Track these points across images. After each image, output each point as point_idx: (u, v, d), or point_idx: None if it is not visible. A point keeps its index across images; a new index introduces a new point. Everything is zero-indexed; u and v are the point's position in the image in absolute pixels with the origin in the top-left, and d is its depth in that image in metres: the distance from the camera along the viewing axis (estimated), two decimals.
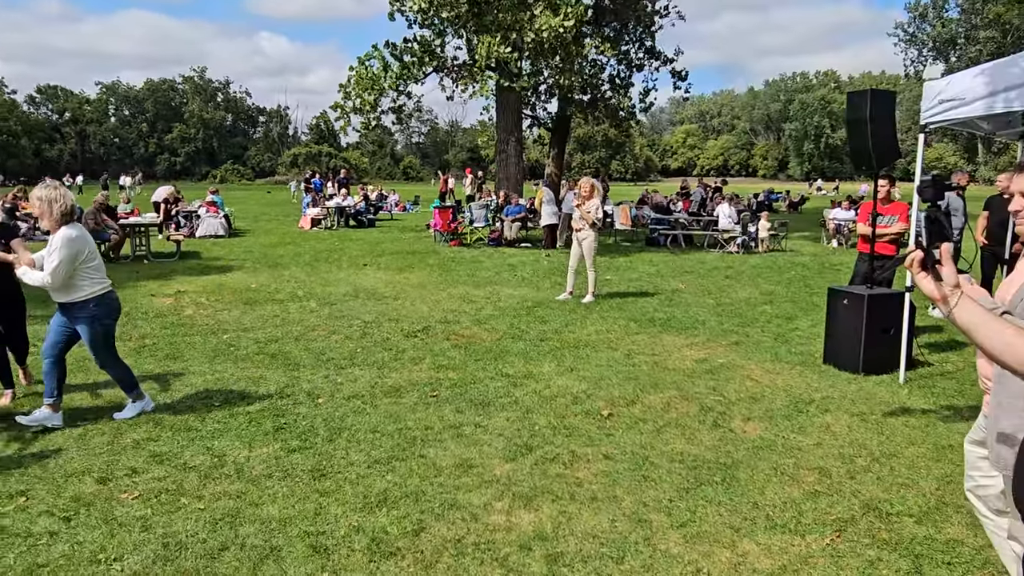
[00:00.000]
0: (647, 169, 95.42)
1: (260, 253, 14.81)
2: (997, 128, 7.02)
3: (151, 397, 5.34)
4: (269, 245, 16.32)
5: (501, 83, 16.83)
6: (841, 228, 17.76)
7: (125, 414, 5.05)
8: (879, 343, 6.36)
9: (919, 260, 1.81)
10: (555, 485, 4.08)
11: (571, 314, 8.93)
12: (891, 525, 3.67)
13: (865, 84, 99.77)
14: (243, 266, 12.85)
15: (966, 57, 71.47)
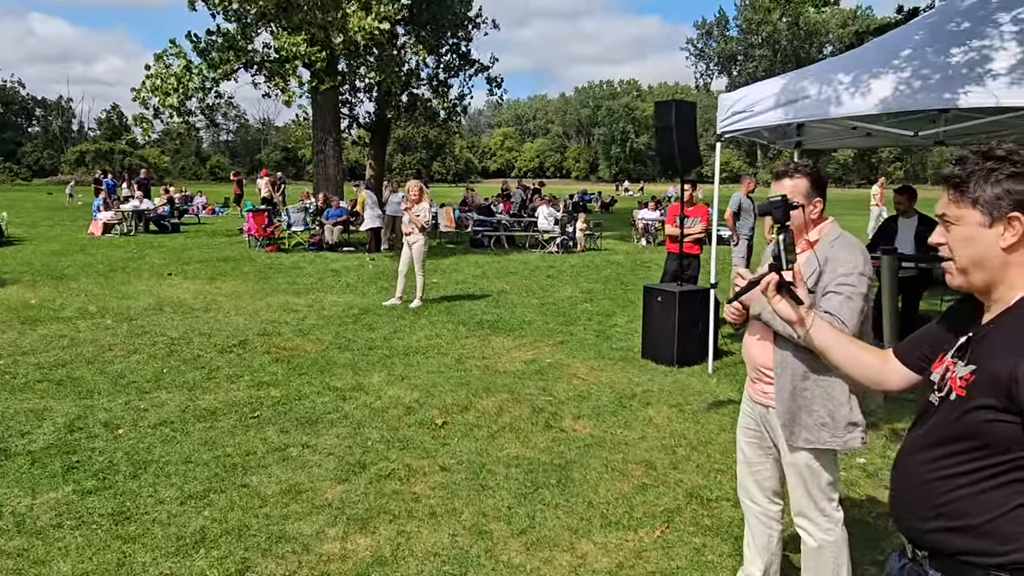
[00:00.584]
0: (467, 170, 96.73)
1: (41, 264, 13.07)
2: (776, 138, 7.80)
3: None
4: (52, 254, 14.47)
5: (313, 83, 16.15)
6: (649, 227, 19.03)
7: None
8: (689, 337, 6.84)
9: (775, 283, 1.83)
10: (392, 504, 3.92)
11: (400, 320, 8.75)
12: (712, 511, 3.92)
13: (663, 94, 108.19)
14: (20, 279, 11.26)
15: (745, 72, 79.89)
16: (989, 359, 1.43)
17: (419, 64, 19.37)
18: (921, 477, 1.53)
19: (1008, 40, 4.86)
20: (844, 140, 8.05)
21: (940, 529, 1.48)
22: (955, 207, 1.49)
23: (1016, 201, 1.42)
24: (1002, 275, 1.47)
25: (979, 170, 1.46)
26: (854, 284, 2.51)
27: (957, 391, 1.47)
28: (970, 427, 1.43)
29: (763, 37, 77.00)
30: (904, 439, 1.66)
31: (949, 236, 1.52)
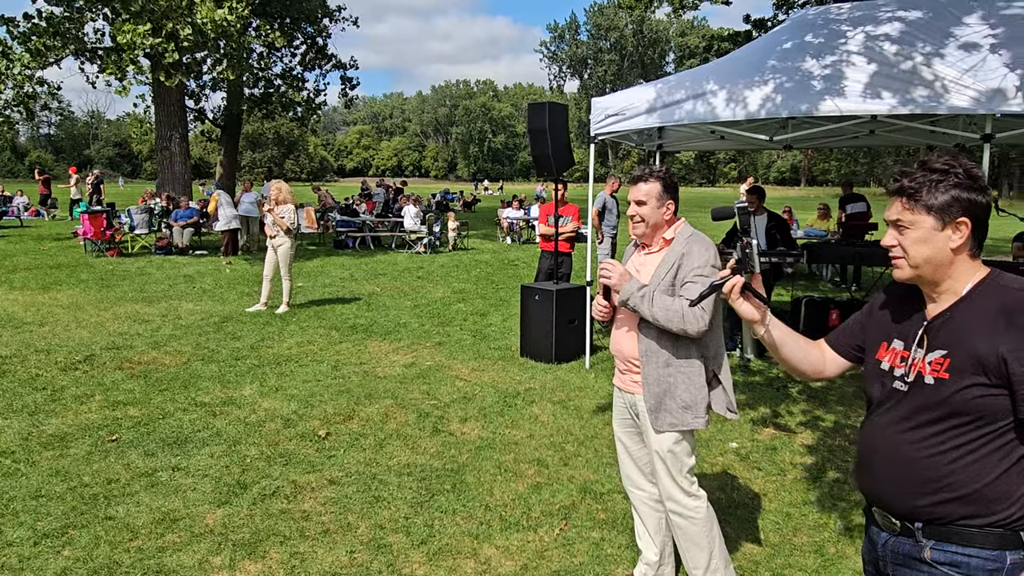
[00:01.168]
0: (323, 169, 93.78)
1: None
2: (642, 140, 8.16)
3: None
4: None
5: (157, 75, 14.94)
6: (514, 226, 19.30)
7: None
8: (566, 334, 6.99)
9: (739, 287, 1.91)
10: (280, 524, 3.70)
11: (267, 327, 8.31)
12: (606, 504, 4.02)
13: (519, 94, 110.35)
14: None
15: (595, 75, 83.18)
16: (964, 342, 1.60)
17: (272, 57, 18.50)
18: (911, 455, 1.67)
19: (855, 54, 5.35)
20: (700, 142, 8.56)
21: (937, 502, 1.63)
22: (909, 213, 1.66)
23: (963, 207, 1.62)
24: (949, 270, 1.66)
25: (928, 181, 1.63)
26: (707, 275, 2.74)
27: (934, 375, 1.63)
28: (961, 405, 1.59)
29: (611, 43, 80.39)
30: (869, 425, 1.81)
31: (902, 238, 1.69)
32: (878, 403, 1.79)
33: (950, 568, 1.64)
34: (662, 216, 2.89)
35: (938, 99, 5.03)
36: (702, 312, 2.70)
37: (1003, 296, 1.61)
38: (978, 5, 5.94)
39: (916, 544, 1.69)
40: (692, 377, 2.82)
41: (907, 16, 5.85)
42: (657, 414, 2.84)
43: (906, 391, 1.70)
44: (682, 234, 2.89)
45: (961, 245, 1.64)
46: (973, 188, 1.62)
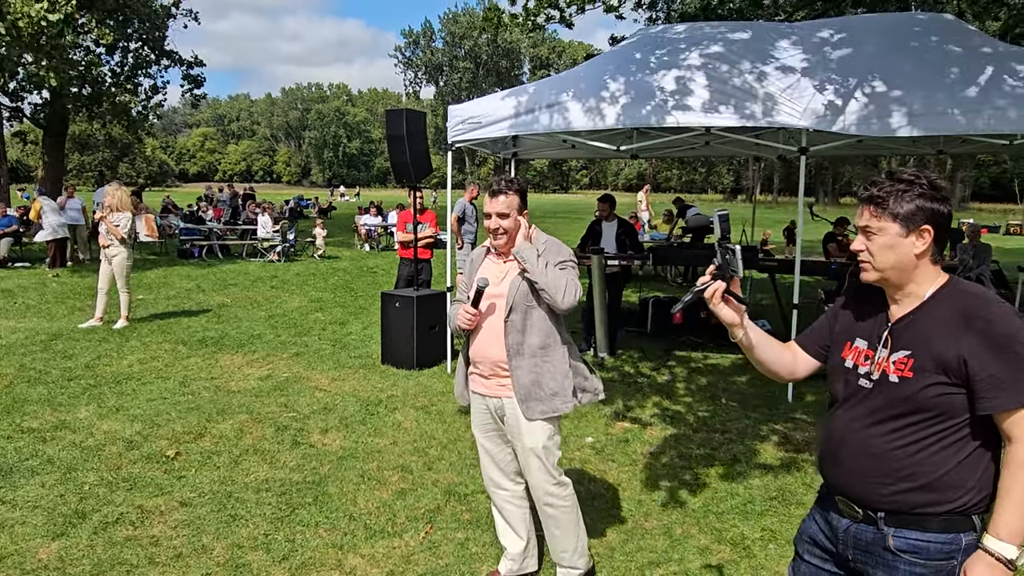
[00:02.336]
0: (163, 173, 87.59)
1: None
2: (498, 148, 8.37)
3: None
4: None
5: None
6: (372, 233, 19.03)
7: None
8: (427, 339, 7.03)
9: (721, 292, 1.96)
10: (126, 552, 3.47)
11: (104, 344, 7.69)
12: (470, 505, 4.10)
13: (373, 99, 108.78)
14: None
15: (451, 82, 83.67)
16: (927, 344, 1.74)
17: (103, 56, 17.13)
18: (876, 448, 1.80)
19: (693, 71, 5.79)
20: (555, 150, 8.90)
21: (900, 491, 1.76)
22: (876, 221, 1.79)
23: (927, 216, 1.76)
24: (913, 275, 1.81)
25: (894, 191, 1.77)
26: (567, 259, 3.01)
27: (898, 374, 1.77)
28: (924, 401, 1.73)
29: (466, 51, 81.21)
30: (836, 419, 1.92)
31: (870, 244, 1.82)
32: (844, 399, 1.92)
33: (911, 555, 1.77)
34: (514, 225, 3.01)
35: (764, 115, 5.57)
36: (575, 286, 2.92)
37: (962, 300, 1.75)
38: (791, 31, 6.64)
39: (878, 532, 1.81)
40: (557, 365, 3.01)
41: (734, 38, 6.43)
42: (528, 403, 2.97)
43: (871, 388, 1.83)
44: (538, 240, 3.04)
45: (924, 251, 1.78)
46: (936, 198, 1.76)
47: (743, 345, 2.06)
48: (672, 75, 5.79)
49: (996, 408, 1.68)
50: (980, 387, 1.68)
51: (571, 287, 2.92)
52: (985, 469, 1.75)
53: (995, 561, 1.68)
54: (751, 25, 6.89)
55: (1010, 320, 1.70)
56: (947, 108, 5.08)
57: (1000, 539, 1.68)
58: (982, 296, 1.76)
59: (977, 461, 1.74)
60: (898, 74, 5.50)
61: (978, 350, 1.67)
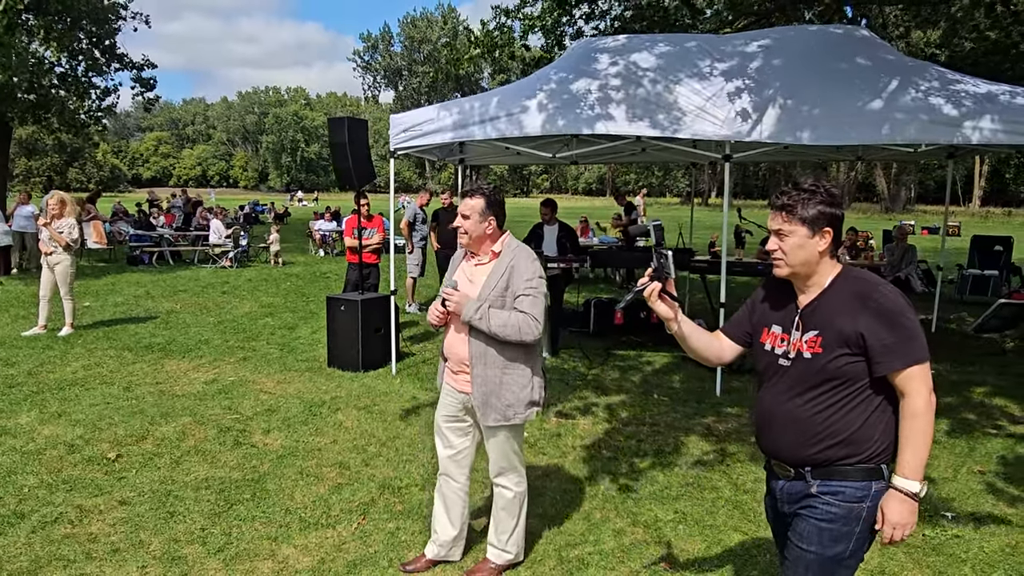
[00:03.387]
0: (114, 178, 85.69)
1: None
2: (444, 155, 8.57)
3: None
4: None
5: None
6: (326, 238, 19.05)
7: None
8: (373, 342, 7.20)
9: (657, 291, 2.25)
10: (63, 549, 3.60)
11: (47, 351, 7.69)
12: (403, 497, 4.30)
13: (332, 103, 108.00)
14: None
15: (410, 86, 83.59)
16: (831, 323, 2.08)
17: (48, 60, 16.86)
18: (799, 415, 2.14)
19: (623, 81, 6.09)
20: (500, 157, 9.14)
21: (822, 448, 2.11)
22: (788, 224, 2.12)
23: (827, 219, 2.10)
24: (817, 268, 2.14)
25: (800, 199, 2.10)
26: (536, 287, 3.13)
27: (811, 350, 2.11)
28: (833, 371, 2.07)
29: (424, 55, 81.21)
30: (761, 395, 2.28)
31: (782, 244, 2.14)
32: (766, 378, 2.26)
33: (830, 496, 2.11)
34: (484, 229, 3.17)
35: (689, 125, 5.88)
36: (535, 322, 3.06)
37: (855, 285, 2.10)
38: (717, 43, 6.99)
39: (806, 484, 2.16)
40: (516, 378, 3.16)
41: (662, 50, 6.76)
42: (484, 410, 3.18)
43: (789, 366, 2.17)
44: (508, 247, 3.22)
45: (826, 249, 2.12)
46: (833, 204, 2.10)
47: (678, 336, 2.36)
48: (600, 85, 6.08)
49: (890, 369, 2.03)
50: (876, 354, 2.02)
51: (525, 325, 3.04)
52: (887, 422, 2.10)
53: (904, 497, 2.03)
54: (680, 37, 7.22)
55: (896, 299, 2.05)
56: (850, 119, 5.45)
57: (906, 477, 2.03)
58: (870, 280, 2.11)
59: (880, 416, 2.09)
60: (809, 86, 5.87)
61: (873, 324, 2.02)
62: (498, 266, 3.19)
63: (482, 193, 3.20)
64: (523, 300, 3.10)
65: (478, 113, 6.18)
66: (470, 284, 3.23)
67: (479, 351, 3.17)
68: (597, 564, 3.56)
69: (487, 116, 6.16)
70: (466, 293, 3.17)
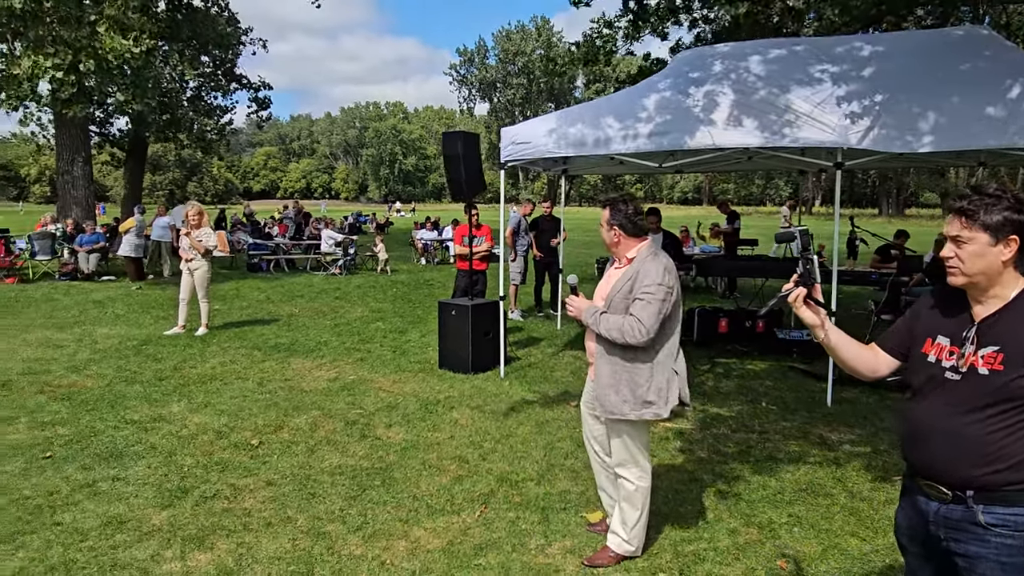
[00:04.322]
0: (227, 191, 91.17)
1: None
2: (548, 166, 8.84)
3: None
4: None
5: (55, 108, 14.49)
6: (428, 247, 19.72)
7: None
8: (482, 346, 7.50)
9: (803, 296, 2.20)
10: (224, 520, 4.03)
11: (187, 349, 8.43)
12: (520, 490, 4.53)
13: (428, 116, 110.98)
14: None
15: (504, 99, 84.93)
16: (1017, 340, 1.93)
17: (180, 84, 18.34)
18: (968, 434, 1.97)
19: (731, 90, 6.16)
20: (601, 167, 9.32)
21: (989, 472, 1.94)
22: (967, 231, 1.99)
23: (1014, 227, 1.96)
24: (998, 279, 2.00)
25: (984, 204, 1.96)
26: (652, 292, 3.30)
27: (988, 367, 1.95)
28: (1015, 391, 1.91)
29: (519, 67, 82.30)
30: (917, 409, 2.11)
31: (960, 251, 2.01)
32: (926, 390, 2.10)
33: (1002, 529, 1.92)
34: (611, 237, 3.47)
35: (795, 132, 5.89)
36: (639, 325, 3.25)
37: None
38: (826, 47, 6.93)
39: (968, 510, 1.98)
40: (633, 377, 3.37)
41: (770, 56, 6.77)
42: (599, 403, 3.45)
43: (959, 380, 2.01)
44: (641, 253, 3.44)
45: (1010, 259, 1.96)
46: (1021, 211, 1.94)
47: (826, 345, 2.26)
48: (707, 96, 6.17)
49: None
50: None
51: (629, 328, 3.25)
52: None
53: None
54: (787, 41, 7.20)
55: None
56: (972, 122, 5.32)
57: None
58: None
59: None
60: (926, 89, 5.75)
61: None
62: (628, 271, 3.43)
63: (607, 204, 3.50)
64: (636, 304, 3.30)
65: (585, 126, 6.39)
66: (605, 286, 3.52)
67: (600, 348, 3.45)
68: (712, 560, 3.67)
69: (593, 129, 6.36)
70: (584, 299, 3.50)
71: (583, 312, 3.45)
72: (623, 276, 3.42)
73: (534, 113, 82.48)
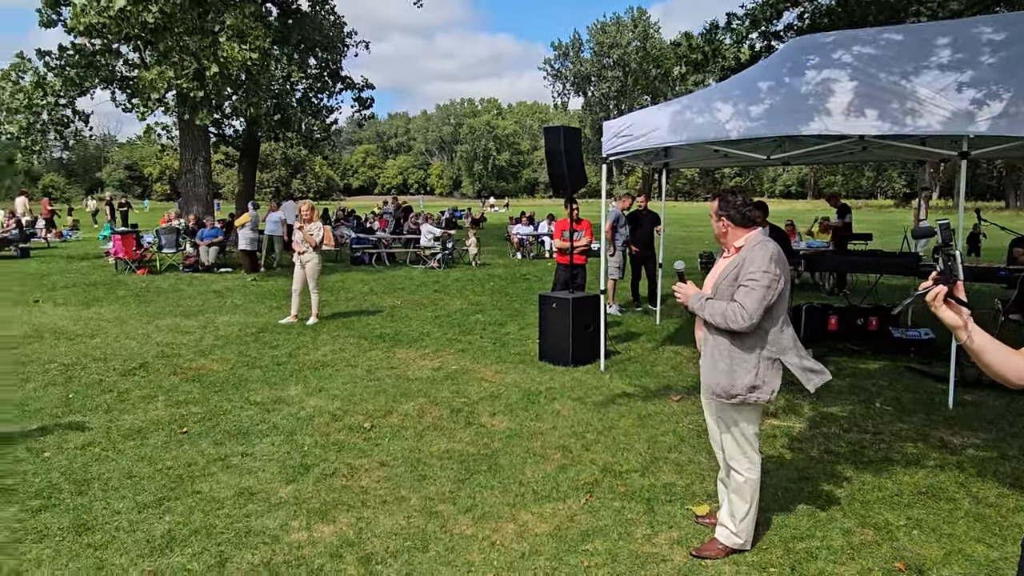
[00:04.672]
0: (329, 188, 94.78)
1: None
2: (650, 159, 8.77)
3: None
4: None
5: (181, 115, 15.56)
6: (524, 241, 19.90)
7: None
8: (582, 338, 7.55)
9: (943, 295, 2.03)
10: (344, 496, 4.27)
11: (300, 337, 8.90)
12: (624, 481, 4.57)
13: (522, 111, 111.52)
14: None
15: (599, 92, 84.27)
16: None
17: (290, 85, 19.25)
18: None
19: (846, 76, 5.95)
20: (704, 160, 9.16)
21: None
22: None
23: None
24: None
25: None
26: (757, 279, 3.32)
27: None
28: None
29: (614, 60, 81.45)
30: None
31: None
32: None
33: None
34: (720, 228, 3.54)
35: (916, 120, 5.62)
36: (741, 310, 3.30)
37: None
38: (946, 30, 6.56)
39: None
40: (740, 363, 3.38)
41: (886, 39, 6.47)
42: (706, 387, 3.52)
43: None
44: (750, 243, 3.46)
45: None
46: None
47: (969, 348, 2.08)
48: (822, 82, 5.97)
49: None
50: None
51: (732, 313, 3.31)
52: None
53: None
54: (904, 27, 6.86)
55: None
56: None
57: None
58: None
59: None
60: None
61: None
62: (735, 259, 3.47)
63: (717, 196, 3.57)
64: (740, 290, 3.35)
65: (693, 115, 6.31)
66: (714, 275, 3.59)
67: (708, 334, 3.53)
68: (825, 559, 3.60)
69: (701, 118, 6.28)
70: (692, 285, 3.61)
71: (690, 298, 3.55)
72: (730, 264, 3.47)
73: (629, 107, 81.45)
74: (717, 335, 3.47)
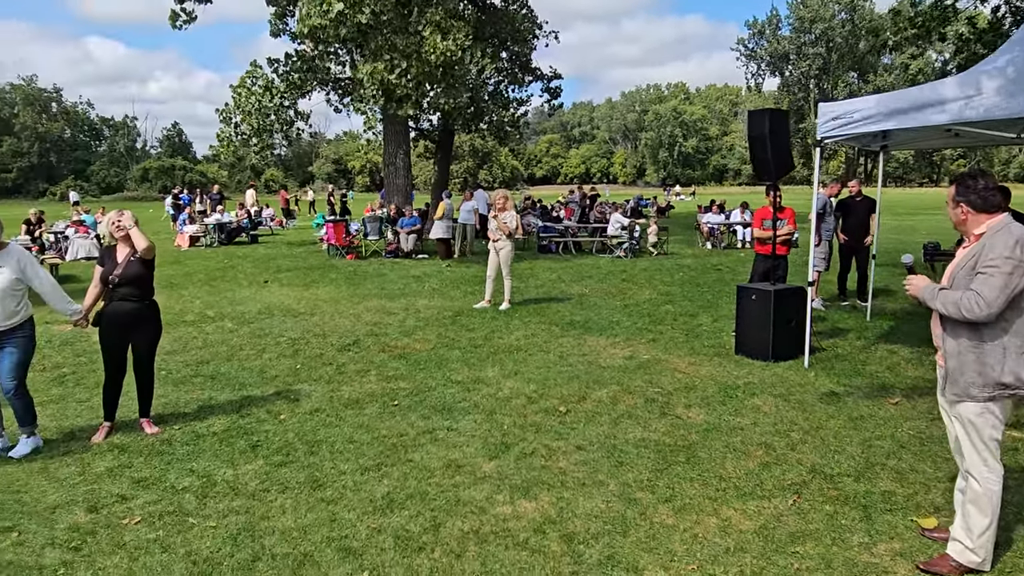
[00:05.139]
0: (513, 178, 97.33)
1: None
2: (866, 142, 8.08)
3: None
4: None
5: (387, 109, 16.74)
6: (714, 231, 19.21)
7: (21, 450, 4.74)
8: (784, 333, 7.16)
9: None
10: (544, 476, 4.40)
11: (493, 321, 9.25)
12: (836, 484, 4.28)
13: (712, 96, 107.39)
14: None
15: (797, 72, 78.98)
16: None
17: (483, 78, 19.97)
18: None
19: None
20: (929, 141, 8.28)
21: None
22: None
23: None
24: None
25: None
26: (997, 265, 3.02)
27: None
28: None
29: (816, 35, 75.88)
30: None
31: None
32: None
33: None
34: (957, 215, 3.27)
35: None
36: (977, 298, 3.03)
37: None
38: None
39: None
40: (981, 357, 3.13)
41: None
42: (948, 384, 3.25)
43: None
44: (992, 228, 3.17)
45: None
46: None
47: None
48: None
49: None
50: None
51: (966, 302, 3.05)
52: None
53: None
54: None
55: None
56: None
57: None
58: None
59: None
60: None
61: None
62: (974, 248, 3.20)
63: (955, 181, 3.29)
64: (977, 278, 3.07)
65: (922, 91, 5.72)
66: (952, 266, 3.31)
67: (947, 329, 3.25)
68: None
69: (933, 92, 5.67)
70: (923, 276, 3.34)
71: (921, 290, 3.30)
72: (968, 253, 3.20)
73: (832, 85, 75.55)
74: (956, 328, 3.19)
